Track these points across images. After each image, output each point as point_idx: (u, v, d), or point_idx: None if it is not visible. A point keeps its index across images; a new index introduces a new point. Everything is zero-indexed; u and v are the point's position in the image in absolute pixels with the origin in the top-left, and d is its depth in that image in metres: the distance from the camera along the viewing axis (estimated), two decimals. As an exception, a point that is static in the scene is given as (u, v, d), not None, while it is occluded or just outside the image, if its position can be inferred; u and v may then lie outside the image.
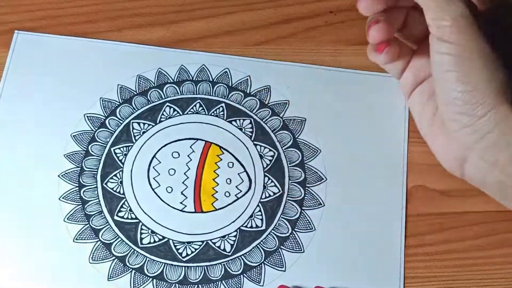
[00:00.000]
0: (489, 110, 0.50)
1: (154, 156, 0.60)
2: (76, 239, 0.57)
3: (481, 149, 0.51)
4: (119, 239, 0.57)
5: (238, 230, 0.58)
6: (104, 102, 0.62)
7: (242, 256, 0.57)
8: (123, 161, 0.60)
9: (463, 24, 0.49)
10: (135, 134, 0.61)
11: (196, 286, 0.56)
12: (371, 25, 0.54)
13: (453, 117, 0.51)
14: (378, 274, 0.57)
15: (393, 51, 0.55)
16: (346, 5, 0.67)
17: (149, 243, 0.57)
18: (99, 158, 0.60)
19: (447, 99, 0.51)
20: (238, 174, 0.60)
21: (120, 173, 0.60)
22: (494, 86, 0.50)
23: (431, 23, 0.50)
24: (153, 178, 0.60)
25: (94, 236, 0.57)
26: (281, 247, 0.58)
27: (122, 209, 0.58)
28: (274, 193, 0.59)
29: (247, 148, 0.61)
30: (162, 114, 0.62)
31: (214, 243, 0.58)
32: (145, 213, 0.58)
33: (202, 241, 0.58)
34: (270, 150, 0.61)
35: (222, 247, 0.57)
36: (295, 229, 0.58)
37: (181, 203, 0.59)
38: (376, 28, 0.54)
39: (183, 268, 0.57)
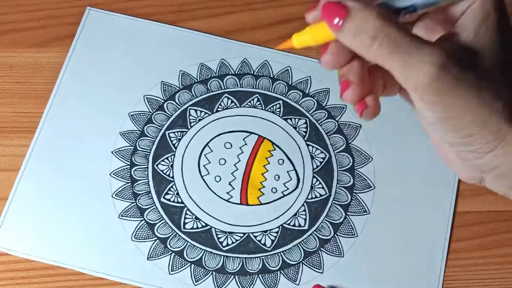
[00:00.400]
0: (495, 147, 0.47)
1: (207, 144, 0.61)
2: (122, 215, 0.58)
3: (495, 176, 0.48)
4: (163, 221, 0.58)
5: (280, 227, 0.58)
6: (164, 86, 0.63)
7: (282, 253, 0.57)
8: (176, 145, 0.61)
9: (439, 84, 0.41)
10: (191, 121, 0.62)
11: (232, 276, 0.57)
12: (342, 87, 0.44)
13: (459, 155, 0.46)
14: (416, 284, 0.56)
15: (371, 112, 0.46)
16: (346, 5, 0.67)
17: (192, 228, 0.58)
18: (153, 140, 0.61)
19: (444, 144, 0.46)
20: (287, 171, 0.60)
21: (172, 156, 0.60)
22: (493, 125, 0.45)
23: (403, 83, 0.41)
24: (203, 165, 0.60)
25: (139, 215, 0.58)
26: (321, 249, 0.58)
27: (169, 192, 0.59)
28: (321, 195, 0.59)
29: (299, 147, 0.61)
30: (220, 104, 0.62)
31: (255, 237, 0.58)
32: (191, 199, 0.59)
33: (244, 233, 0.58)
34: (322, 152, 0.61)
35: (262, 241, 0.58)
36: (337, 233, 0.58)
37: (227, 193, 0.59)
38: (349, 92, 0.44)
39: (222, 257, 0.57)
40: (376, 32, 0.40)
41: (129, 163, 0.60)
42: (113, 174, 0.60)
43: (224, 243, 0.58)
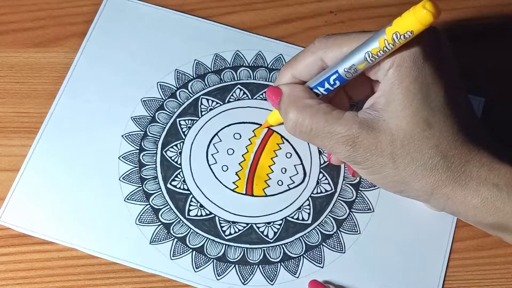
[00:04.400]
0: (431, 194, 0.49)
1: (216, 133, 0.61)
2: (128, 199, 0.59)
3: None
4: (168, 206, 0.59)
5: (284, 220, 0.58)
6: (178, 74, 0.63)
7: (283, 245, 0.58)
8: (186, 133, 0.61)
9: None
10: (202, 110, 0.62)
11: (233, 265, 0.57)
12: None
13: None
14: (415, 286, 0.56)
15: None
16: (346, 5, 0.67)
17: (196, 215, 0.58)
18: (164, 126, 0.61)
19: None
20: (294, 165, 0.60)
21: (181, 144, 0.61)
22: (424, 184, 0.49)
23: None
24: (211, 154, 0.61)
25: (145, 199, 0.59)
26: (323, 243, 0.58)
27: (176, 179, 0.60)
28: (326, 190, 0.59)
29: (308, 142, 0.61)
30: (232, 95, 0.63)
31: (258, 228, 0.58)
32: (197, 187, 0.59)
33: (247, 224, 0.58)
34: (330, 147, 0.61)
35: (265, 233, 0.58)
36: (340, 229, 0.58)
37: (233, 183, 0.59)
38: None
39: (224, 245, 0.57)
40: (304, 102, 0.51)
41: (138, 148, 0.61)
42: (122, 157, 0.60)
43: (227, 232, 0.58)
